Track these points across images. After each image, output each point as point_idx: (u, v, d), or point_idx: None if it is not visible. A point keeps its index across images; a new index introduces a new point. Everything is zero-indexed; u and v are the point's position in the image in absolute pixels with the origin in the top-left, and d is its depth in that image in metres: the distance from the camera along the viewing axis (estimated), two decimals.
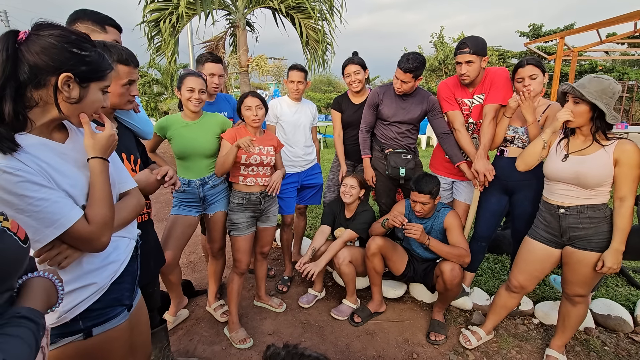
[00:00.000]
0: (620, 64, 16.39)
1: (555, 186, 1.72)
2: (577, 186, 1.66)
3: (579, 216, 1.66)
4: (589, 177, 1.61)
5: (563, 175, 1.67)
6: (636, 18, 8.57)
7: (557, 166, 1.68)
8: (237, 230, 2.13)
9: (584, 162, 1.62)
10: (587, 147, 1.64)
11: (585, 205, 1.66)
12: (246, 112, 2.09)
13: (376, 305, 2.38)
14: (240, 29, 4.51)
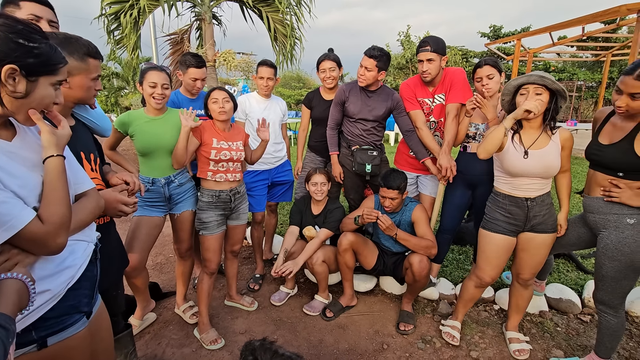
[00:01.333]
0: (570, 65, 17.63)
1: (518, 181, 1.81)
2: (540, 178, 1.78)
3: (541, 204, 1.81)
4: (554, 167, 1.76)
5: (532, 170, 1.75)
6: (584, 23, 9.24)
7: (521, 163, 1.76)
8: (206, 230, 2.08)
9: (546, 155, 1.74)
10: (538, 140, 1.75)
11: (544, 194, 1.81)
12: (213, 105, 2.03)
13: (348, 299, 2.42)
14: (206, 22, 4.37)
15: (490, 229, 1.91)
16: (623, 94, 1.53)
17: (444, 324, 2.18)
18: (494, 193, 1.93)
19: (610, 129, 1.68)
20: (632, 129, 1.57)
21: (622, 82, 1.53)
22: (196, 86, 2.35)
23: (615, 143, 1.62)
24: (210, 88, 2.12)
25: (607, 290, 1.70)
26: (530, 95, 1.69)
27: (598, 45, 13.25)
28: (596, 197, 1.71)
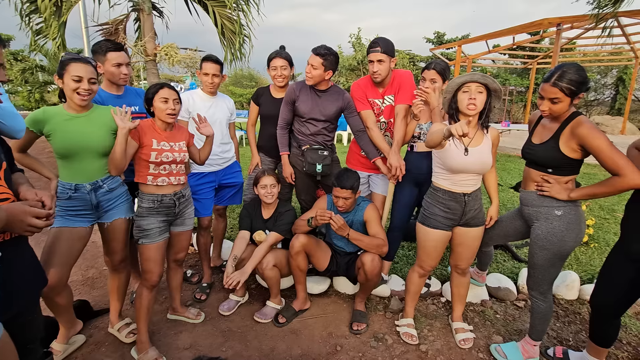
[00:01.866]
0: (503, 71, 19.34)
1: (457, 177, 1.90)
2: (476, 174, 1.88)
3: (475, 199, 1.93)
4: (489, 163, 1.88)
5: (471, 167, 1.85)
6: (514, 33, 10.16)
7: (462, 160, 1.83)
8: (147, 238, 1.89)
9: (483, 152, 1.84)
10: (475, 138, 1.86)
11: (477, 189, 1.93)
12: (161, 105, 1.86)
13: (301, 303, 2.37)
14: (145, 12, 4.03)
15: (429, 225, 1.98)
16: (545, 99, 1.67)
17: (399, 325, 2.22)
18: (433, 189, 2.00)
19: (541, 130, 1.82)
20: (556, 129, 1.71)
21: (542, 89, 1.67)
22: (122, 73, 2.10)
23: (544, 142, 1.75)
24: (156, 84, 1.94)
25: (538, 277, 1.84)
26: (472, 92, 1.76)
27: (526, 54, 14.70)
28: (530, 191, 1.84)
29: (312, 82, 2.33)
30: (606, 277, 1.72)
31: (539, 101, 1.71)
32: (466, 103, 1.77)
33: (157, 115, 1.90)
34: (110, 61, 2.07)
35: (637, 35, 10.55)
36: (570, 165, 1.71)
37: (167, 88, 1.90)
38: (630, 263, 1.58)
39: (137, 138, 1.85)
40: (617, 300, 1.69)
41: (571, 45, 13.15)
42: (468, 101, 1.76)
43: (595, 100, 20.01)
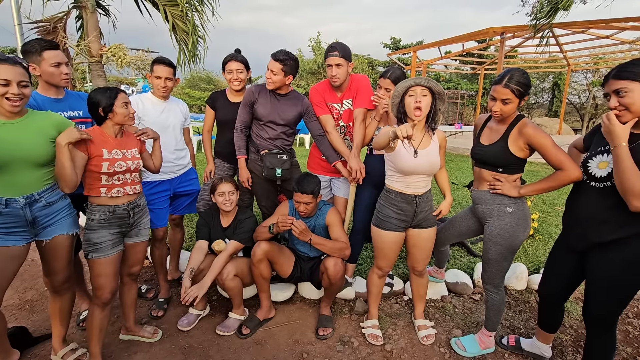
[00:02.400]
0: (455, 76, 20.49)
1: (409, 179, 1.95)
2: (426, 175, 1.94)
3: (426, 200, 1.99)
4: (437, 164, 1.95)
5: (421, 169, 1.91)
6: (463, 40, 10.79)
7: (412, 162, 1.89)
8: (98, 252, 1.74)
9: (431, 154, 1.91)
10: (423, 140, 1.93)
11: (428, 191, 2.00)
12: (123, 110, 1.77)
13: (265, 312, 2.30)
14: (88, 10, 3.74)
15: (383, 227, 2.02)
16: (497, 101, 1.77)
17: (364, 327, 2.23)
18: (385, 191, 2.04)
19: (488, 132, 1.93)
20: (505, 131, 1.82)
21: (494, 91, 1.77)
22: (62, 73, 1.93)
23: (493, 143, 1.85)
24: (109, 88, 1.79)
25: (492, 271, 1.95)
26: (417, 95, 1.82)
27: (474, 60, 15.69)
28: (483, 190, 1.93)
29: (272, 87, 2.32)
30: (550, 268, 1.86)
31: (491, 103, 1.80)
32: (412, 107, 1.83)
33: (117, 121, 1.78)
34: (48, 61, 1.89)
35: (569, 44, 11.70)
36: (517, 164, 1.84)
37: (122, 92, 1.80)
38: (570, 254, 1.72)
39: (85, 149, 1.70)
40: (561, 288, 1.83)
41: (514, 53, 14.25)
42: (414, 104, 1.82)
43: (536, 104, 21.87)
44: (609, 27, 8.50)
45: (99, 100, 1.74)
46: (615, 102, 1.40)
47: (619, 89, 1.38)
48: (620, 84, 1.38)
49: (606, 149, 1.51)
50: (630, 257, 1.46)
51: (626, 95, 1.37)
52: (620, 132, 1.38)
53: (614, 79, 1.40)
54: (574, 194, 1.68)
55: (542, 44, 6.16)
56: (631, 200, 1.35)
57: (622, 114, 1.40)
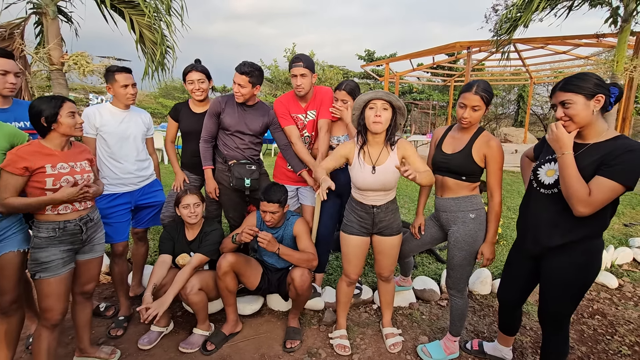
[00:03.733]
0: (427, 88, 21.19)
1: (366, 193, 1.99)
2: (383, 191, 1.97)
3: (386, 211, 2.01)
4: (390, 182, 1.95)
5: (373, 185, 1.94)
6: (433, 53, 11.21)
7: (367, 179, 1.93)
8: (46, 272, 1.64)
9: (386, 171, 1.92)
10: (381, 155, 1.94)
11: (388, 202, 2.02)
12: (70, 120, 1.67)
13: (231, 326, 2.25)
14: (48, 17, 3.61)
15: (347, 232, 2.08)
16: (467, 108, 1.83)
17: (332, 337, 2.22)
18: (351, 198, 2.09)
19: (451, 141, 2.00)
20: (469, 140, 1.90)
21: (464, 98, 1.84)
22: (7, 82, 1.83)
23: (458, 152, 1.92)
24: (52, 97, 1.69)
25: (457, 276, 2.00)
26: (378, 109, 1.85)
27: (445, 72, 16.33)
28: (447, 197, 1.99)
29: (242, 100, 2.32)
30: (507, 273, 1.93)
31: (460, 110, 1.86)
32: (372, 120, 1.85)
33: (62, 132, 1.68)
34: None
35: (531, 59, 12.43)
36: (479, 172, 1.92)
37: (68, 101, 1.70)
38: (526, 259, 1.79)
39: (22, 169, 1.58)
40: (518, 292, 1.90)
41: (481, 66, 14.97)
42: (374, 118, 1.84)
43: (503, 114, 22.95)
44: (565, 43, 9.12)
45: (41, 109, 1.62)
46: (561, 113, 1.49)
47: (564, 100, 1.47)
48: (565, 96, 1.47)
49: (553, 158, 1.60)
50: (579, 260, 1.54)
51: (570, 106, 1.46)
52: (566, 140, 1.46)
53: (560, 91, 1.49)
54: (525, 201, 1.77)
55: (504, 58, 6.51)
56: (576, 206, 1.43)
57: (567, 124, 1.48)
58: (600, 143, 1.46)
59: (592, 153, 1.45)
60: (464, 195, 1.95)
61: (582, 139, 1.52)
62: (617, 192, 1.38)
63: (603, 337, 2.36)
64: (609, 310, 2.69)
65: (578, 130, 1.50)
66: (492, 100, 1.88)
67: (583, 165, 1.45)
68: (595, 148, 1.46)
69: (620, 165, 1.36)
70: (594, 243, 1.53)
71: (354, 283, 2.20)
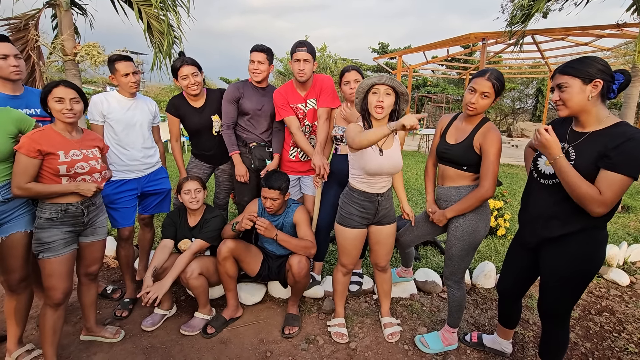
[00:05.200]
0: (442, 81, 20.78)
1: (373, 179, 1.95)
2: (389, 174, 1.95)
3: (387, 198, 2.01)
4: (400, 163, 1.95)
5: (386, 168, 1.90)
6: (447, 45, 10.96)
7: (378, 161, 1.88)
8: (49, 251, 1.70)
9: (393, 153, 1.91)
10: (387, 140, 1.93)
11: (389, 189, 2.02)
12: (55, 105, 1.69)
13: (232, 311, 2.29)
14: (62, 8, 3.70)
15: (346, 225, 2.03)
16: (476, 93, 1.78)
17: (330, 325, 2.24)
18: (349, 189, 2.04)
19: (454, 131, 1.96)
20: (471, 130, 1.86)
21: (475, 83, 1.78)
22: (10, 66, 1.85)
23: (460, 142, 1.88)
24: (52, 81, 1.74)
25: (454, 266, 1.98)
26: (381, 94, 1.81)
27: (460, 65, 15.96)
28: (448, 186, 1.96)
29: (261, 78, 2.42)
30: (507, 264, 1.90)
31: (468, 95, 1.81)
32: (374, 105, 1.82)
33: (57, 118, 1.73)
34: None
35: (550, 51, 11.99)
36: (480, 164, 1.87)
37: (62, 86, 1.72)
38: (525, 250, 1.75)
39: (36, 152, 1.63)
40: (517, 284, 1.87)
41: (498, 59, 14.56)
42: (376, 103, 1.82)
43: (520, 109, 22.33)
44: (586, 34, 8.76)
45: (43, 92, 1.71)
46: (556, 96, 1.45)
47: (561, 83, 1.43)
48: (562, 78, 1.42)
49: None
50: (576, 251, 1.50)
51: (565, 90, 1.41)
52: (553, 144, 1.40)
53: (559, 74, 1.45)
54: (526, 192, 1.72)
55: (517, 50, 6.31)
56: (590, 207, 1.36)
57: (560, 108, 1.44)
58: (600, 131, 1.41)
59: (592, 142, 1.41)
60: (464, 185, 1.92)
61: (581, 127, 1.47)
62: (627, 184, 1.33)
63: (610, 335, 2.30)
64: (618, 307, 2.61)
65: (577, 118, 1.46)
66: (502, 93, 1.82)
67: (584, 156, 1.40)
68: (595, 136, 1.41)
69: (622, 156, 1.31)
70: (595, 234, 1.48)
71: (350, 273, 2.21)
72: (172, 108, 2.54)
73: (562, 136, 1.54)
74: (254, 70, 2.40)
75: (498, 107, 21.53)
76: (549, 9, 6.11)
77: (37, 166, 1.66)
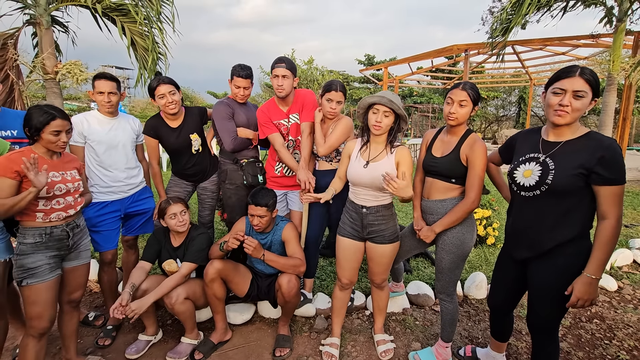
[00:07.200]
0: (428, 91, 21.20)
1: (358, 190, 1.98)
2: (373, 190, 1.94)
3: (376, 214, 1.97)
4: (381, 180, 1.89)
5: (363, 180, 1.92)
6: (431, 57, 11.22)
7: (359, 172, 1.93)
8: (33, 277, 1.64)
9: (377, 168, 1.91)
10: (379, 154, 1.94)
11: (380, 206, 1.97)
12: (51, 137, 1.68)
13: (220, 335, 2.22)
14: (42, 26, 3.66)
15: (340, 233, 2.07)
16: (454, 103, 1.81)
17: (324, 344, 2.19)
18: (347, 199, 2.09)
19: (440, 144, 1.97)
20: (457, 143, 1.87)
21: (452, 94, 1.83)
22: None
23: (446, 155, 1.89)
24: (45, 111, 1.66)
25: (445, 280, 1.96)
26: (380, 115, 1.84)
27: (445, 76, 16.33)
28: (435, 200, 1.95)
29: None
30: (496, 278, 1.89)
31: (447, 107, 1.85)
32: (373, 124, 1.87)
33: (42, 145, 1.70)
34: None
35: (530, 60, 12.40)
36: None
37: (59, 119, 1.69)
38: (513, 263, 1.75)
39: (13, 173, 1.59)
40: (507, 297, 1.86)
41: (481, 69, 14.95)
42: (375, 122, 1.85)
43: (504, 116, 22.89)
44: (563, 44, 9.09)
45: (29, 120, 1.65)
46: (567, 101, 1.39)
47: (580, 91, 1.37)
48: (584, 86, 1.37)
49: (528, 158, 1.57)
50: (562, 264, 1.50)
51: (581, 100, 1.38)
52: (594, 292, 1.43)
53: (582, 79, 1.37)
54: (511, 205, 1.73)
55: (499, 60, 6.49)
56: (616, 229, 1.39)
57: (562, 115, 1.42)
58: (574, 140, 1.45)
59: (569, 152, 1.44)
60: (451, 197, 1.92)
61: (555, 137, 1.51)
62: (623, 190, 1.39)
63: (601, 342, 2.31)
64: (607, 313, 2.63)
65: (556, 127, 1.48)
66: (479, 102, 1.86)
67: (563, 165, 1.43)
68: (570, 145, 1.45)
69: (611, 168, 1.35)
70: (580, 244, 1.49)
71: (347, 288, 2.15)
72: (149, 130, 2.43)
73: (534, 146, 1.57)
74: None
75: (482, 114, 22.02)
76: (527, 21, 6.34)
77: (13, 187, 1.61)
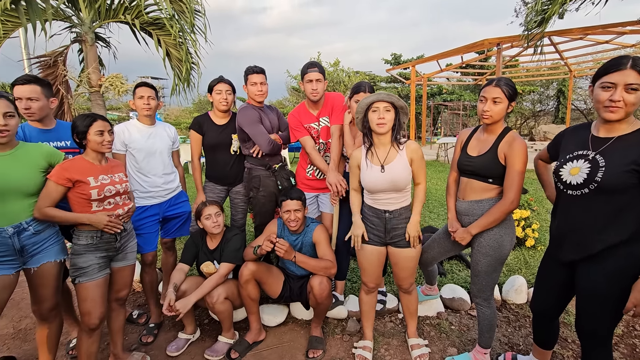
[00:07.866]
0: (457, 88, 20.52)
1: (377, 196, 1.94)
2: (394, 192, 1.91)
3: (399, 218, 1.94)
4: (401, 181, 1.89)
5: (383, 186, 1.89)
6: (461, 52, 10.87)
7: (377, 178, 1.89)
8: (85, 276, 1.78)
9: (395, 169, 1.88)
10: (389, 155, 1.90)
11: (402, 208, 1.94)
12: (97, 138, 1.82)
13: (254, 335, 2.27)
14: (87, 43, 3.94)
15: (362, 241, 2.02)
16: (487, 101, 1.75)
17: (356, 346, 2.18)
18: (363, 205, 2.06)
19: (476, 143, 1.91)
20: (494, 141, 1.80)
21: (484, 91, 1.77)
22: (22, 108, 1.94)
23: (483, 154, 1.83)
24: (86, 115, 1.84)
25: (482, 283, 1.89)
26: (380, 111, 1.83)
27: (476, 71, 15.76)
28: (470, 200, 1.88)
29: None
30: (540, 282, 1.80)
31: (480, 105, 1.79)
32: (376, 122, 1.84)
33: (91, 148, 1.84)
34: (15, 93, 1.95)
35: (569, 51, 11.67)
36: None
37: (100, 120, 1.85)
38: (559, 267, 1.66)
39: (65, 179, 1.74)
40: (552, 303, 1.76)
41: (515, 62, 14.30)
42: (377, 120, 1.83)
43: (542, 111, 21.66)
44: (607, 32, 8.49)
45: (75, 126, 1.82)
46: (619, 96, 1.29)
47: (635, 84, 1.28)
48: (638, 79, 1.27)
49: (575, 155, 1.48)
50: (612, 268, 1.40)
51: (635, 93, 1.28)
52: None
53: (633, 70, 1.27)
54: (556, 205, 1.64)
55: (537, 52, 6.16)
56: None
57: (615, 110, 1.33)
58: (628, 135, 1.34)
59: (622, 147, 1.34)
60: (488, 198, 1.85)
61: (607, 132, 1.41)
62: None
63: None
64: None
65: (608, 123, 1.39)
66: (516, 98, 1.78)
67: (615, 162, 1.33)
68: (623, 140, 1.35)
69: None
70: (634, 247, 1.38)
71: (373, 291, 2.14)
72: (195, 125, 2.63)
73: (583, 143, 1.48)
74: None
75: (518, 110, 20.97)
76: (565, 10, 5.96)
77: (60, 193, 1.75)
